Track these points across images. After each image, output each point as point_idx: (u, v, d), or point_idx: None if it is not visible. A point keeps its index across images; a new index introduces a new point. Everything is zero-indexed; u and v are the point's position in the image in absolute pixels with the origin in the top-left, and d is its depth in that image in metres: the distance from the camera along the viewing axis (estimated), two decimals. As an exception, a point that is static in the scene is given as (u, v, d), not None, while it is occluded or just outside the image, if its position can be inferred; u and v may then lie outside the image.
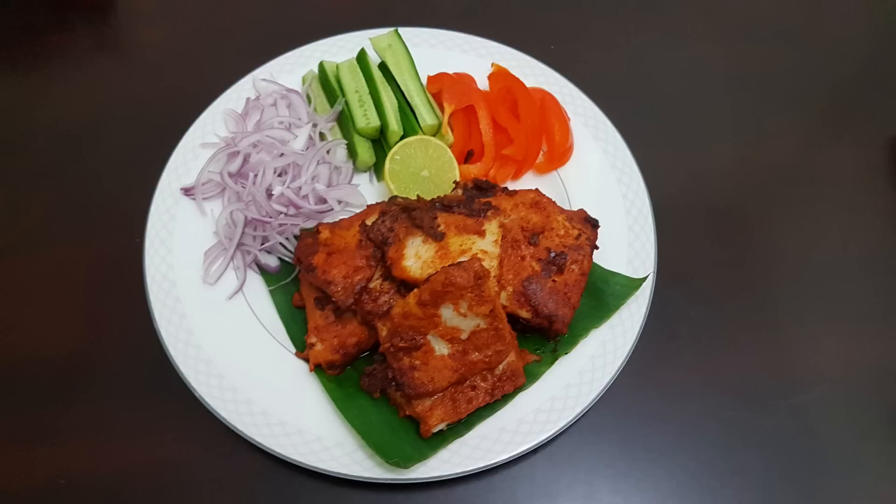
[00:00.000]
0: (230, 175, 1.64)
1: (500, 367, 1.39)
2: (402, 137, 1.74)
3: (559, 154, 1.74)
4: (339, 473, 1.33)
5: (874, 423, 1.51)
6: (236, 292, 1.54)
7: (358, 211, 1.57)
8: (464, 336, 1.33)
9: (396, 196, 1.58)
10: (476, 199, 1.52)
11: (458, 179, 1.66)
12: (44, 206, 1.74)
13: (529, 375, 1.44)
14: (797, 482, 1.44)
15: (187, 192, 1.65)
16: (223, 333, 1.49)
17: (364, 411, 1.39)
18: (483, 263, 1.32)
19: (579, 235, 1.49)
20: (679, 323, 1.61)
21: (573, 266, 1.45)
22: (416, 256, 1.39)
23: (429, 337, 1.33)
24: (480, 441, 1.37)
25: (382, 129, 1.76)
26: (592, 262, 1.50)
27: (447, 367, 1.33)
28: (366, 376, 1.40)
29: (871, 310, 1.66)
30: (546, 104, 1.79)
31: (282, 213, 1.62)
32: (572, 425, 1.41)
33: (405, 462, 1.30)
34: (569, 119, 1.78)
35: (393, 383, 1.36)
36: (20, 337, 1.56)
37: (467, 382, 1.37)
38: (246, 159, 1.67)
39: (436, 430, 1.34)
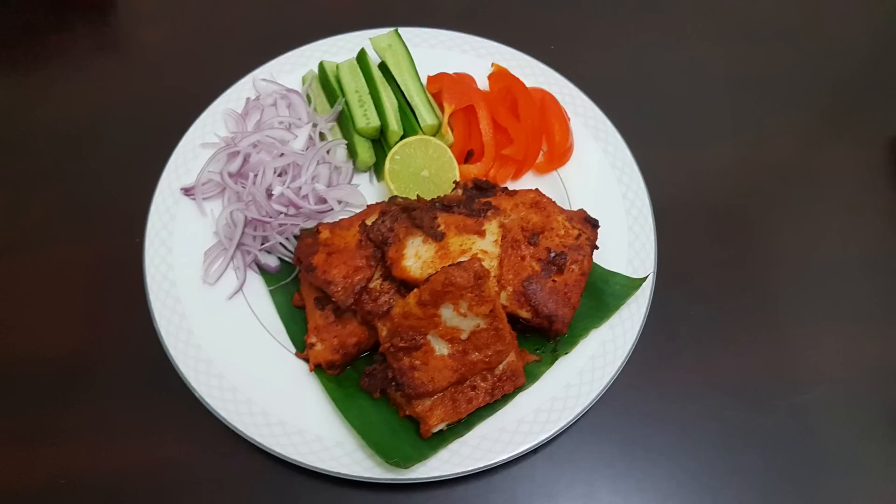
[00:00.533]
0: (230, 175, 1.64)
1: (500, 367, 1.39)
2: (402, 137, 1.74)
3: (559, 154, 1.74)
4: (339, 473, 1.33)
5: (874, 423, 1.51)
6: (236, 292, 1.54)
7: (358, 211, 1.57)
8: (464, 336, 1.33)
9: (396, 196, 1.58)
10: (476, 199, 1.52)
11: (458, 179, 1.66)
12: (44, 206, 1.74)
13: (529, 375, 1.44)
14: (797, 482, 1.44)
15: (187, 192, 1.65)
16: (223, 333, 1.49)
17: (364, 411, 1.39)
18: (483, 263, 1.32)
19: (579, 235, 1.49)
20: (679, 323, 1.61)
21: (573, 266, 1.45)
22: (416, 256, 1.39)
23: (429, 337, 1.32)
24: (480, 441, 1.37)
25: (382, 129, 1.76)
26: (592, 262, 1.50)
27: (447, 367, 1.33)
28: (366, 376, 1.40)
29: (871, 310, 1.66)
30: (546, 104, 1.79)
31: (282, 213, 1.62)
32: (572, 425, 1.41)
33: (405, 462, 1.30)
34: (569, 119, 1.78)
35: (393, 383, 1.36)
36: (20, 337, 1.56)
37: (467, 382, 1.37)
38: (246, 159, 1.67)
39: (436, 430, 1.34)
